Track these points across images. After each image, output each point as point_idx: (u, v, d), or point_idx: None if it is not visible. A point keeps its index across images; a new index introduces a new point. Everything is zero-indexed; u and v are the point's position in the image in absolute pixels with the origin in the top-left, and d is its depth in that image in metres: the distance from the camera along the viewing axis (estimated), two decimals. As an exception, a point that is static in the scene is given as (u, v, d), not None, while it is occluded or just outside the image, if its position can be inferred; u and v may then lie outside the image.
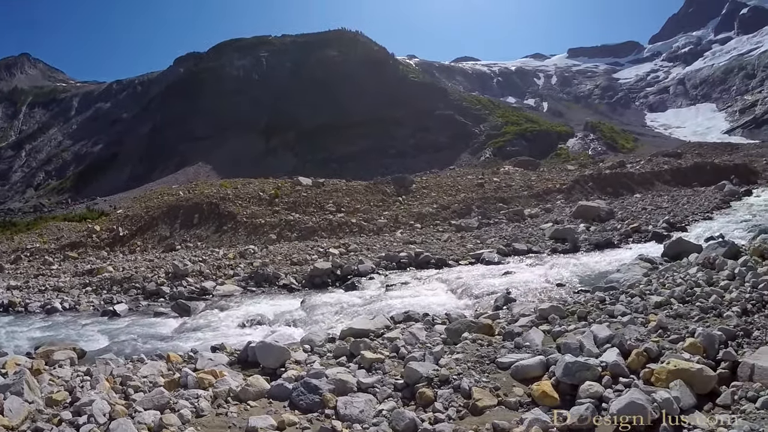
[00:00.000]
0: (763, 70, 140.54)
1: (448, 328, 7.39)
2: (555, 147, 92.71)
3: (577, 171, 37.08)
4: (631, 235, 17.77)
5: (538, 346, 6.37)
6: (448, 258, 16.15)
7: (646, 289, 8.63)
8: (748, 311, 6.77)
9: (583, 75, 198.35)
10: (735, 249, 10.64)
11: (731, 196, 26.97)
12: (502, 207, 25.74)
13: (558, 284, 11.47)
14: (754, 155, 52.35)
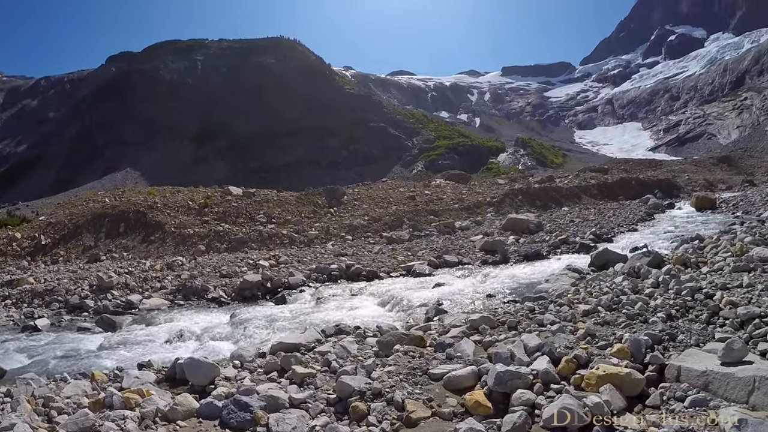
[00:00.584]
0: (687, 92, 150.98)
1: (380, 340, 7.35)
2: (486, 161, 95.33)
3: (507, 185, 38.05)
4: (560, 246, 18.25)
5: (470, 357, 6.43)
6: (379, 270, 16.14)
7: (574, 298, 8.92)
8: (673, 316, 7.19)
9: (515, 92, 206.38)
10: (659, 258, 11.22)
11: (655, 209, 28.34)
12: (433, 219, 26.04)
13: (488, 295, 11.59)
14: (676, 171, 55.71)
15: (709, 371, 4.94)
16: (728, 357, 5.00)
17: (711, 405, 4.64)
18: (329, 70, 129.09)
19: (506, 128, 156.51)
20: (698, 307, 7.49)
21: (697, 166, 63.15)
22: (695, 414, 4.56)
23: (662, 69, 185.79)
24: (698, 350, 5.78)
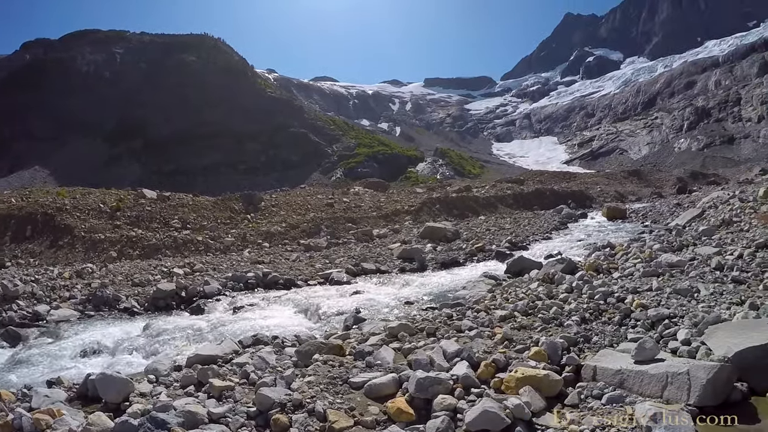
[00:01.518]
0: (602, 110, 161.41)
1: (299, 350, 7.25)
2: (405, 170, 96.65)
3: (425, 194, 38.57)
4: (476, 254, 18.74)
5: (390, 364, 6.43)
6: (297, 278, 15.91)
7: (490, 304, 9.17)
8: (587, 319, 7.61)
9: (436, 104, 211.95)
10: (572, 265, 11.75)
11: (568, 219, 29.75)
12: (351, 227, 25.98)
13: (407, 302, 11.69)
14: (589, 183, 58.60)
15: (624, 370, 5.22)
16: (641, 356, 5.29)
17: (627, 401, 4.90)
18: (252, 72, 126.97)
19: (426, 138, 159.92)
20: (611, 310, 7.93)
21: (609, 179, 66.57)
22: (613, 410, 4.81)
23: (579, 87, 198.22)
24: (612, 350, 6.10)
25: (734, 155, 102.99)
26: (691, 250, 12.24)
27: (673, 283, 8.99)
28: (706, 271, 9.73)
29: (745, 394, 4.75)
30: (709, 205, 20.10)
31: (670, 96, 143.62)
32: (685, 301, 7.91)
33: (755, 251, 10.61)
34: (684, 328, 6.54)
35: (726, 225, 15.17)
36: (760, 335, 5.12)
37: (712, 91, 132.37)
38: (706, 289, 8.41)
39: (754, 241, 11.40)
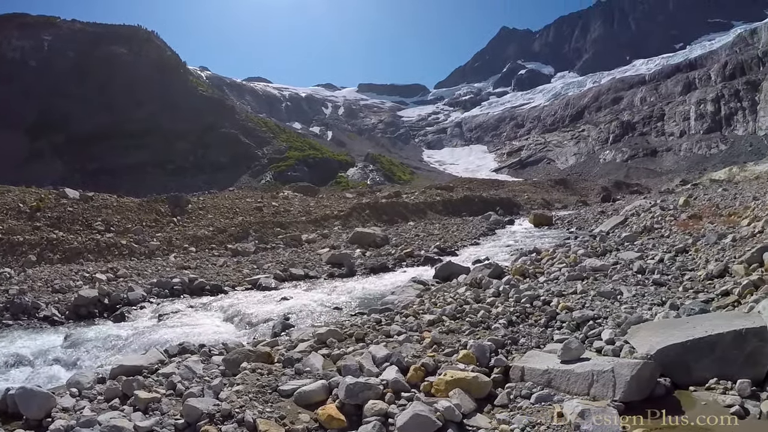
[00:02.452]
0: (531, 121, 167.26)
1: (226, 358, 7.10)
2: (335, 175, 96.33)
3: (355, 199, 38.57)
4: (405, 259, 18.84)
5: (319, 371, 6.39)
6: (224, 284, 15.54)
7: (419, 309, 9.26)
8: (514, 322, 7.85)
9: (369, 109, 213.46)
10: (499, 270, 12.06)
11: (496, 225, 30.55)
12: (280, 232, 25.64)
13: (335, 308, 11.66)
14: (517, 191, 60.28)
15: (551, 369, 5.41)
16: (567, 356, 5.48)
17: (555, 399, 5.08)
18: (184, 69, 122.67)
19: (357, 143, 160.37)
20: (537, 312, 8.21)
21: (536, 187, 68.87)
22: (542, 409, 4.98)
23: (510, 99, 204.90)
24: (539, 351, 6.31)
25: (656, 167, 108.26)
26: (614, 255, 12.82)
27: (597, 286, 9.37)
28: (628, 275, 10.22)
29: (668, 389, 4.99)
30: (632, 212, 21.07)
31: (598, 110, 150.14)
32: (609, 303, 8.26)
33: (675, 255, 11.22)
34: (608, 328, 6.84)
35: (647, 231, 15.96)
36: (681, 333, 5.39)
37: (637, 107, 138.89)
38: (628, 291, 8.82)
39: (674, 247, 12.06)
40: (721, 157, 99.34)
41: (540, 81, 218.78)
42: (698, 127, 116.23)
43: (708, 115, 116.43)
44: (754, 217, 11.98)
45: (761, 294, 6.78)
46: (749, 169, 43.22)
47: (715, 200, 18.98)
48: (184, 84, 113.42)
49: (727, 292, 7.60)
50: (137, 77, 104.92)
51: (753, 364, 4.90)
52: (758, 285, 7.22)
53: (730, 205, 16.38)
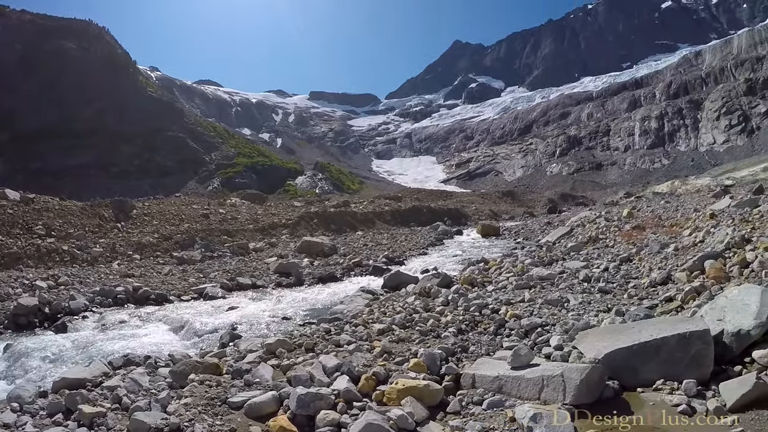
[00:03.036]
0: (480, 134, 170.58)
1: (173, 370, 6.95)
2: (284, 183, 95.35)
3: (303, 208, 38.36)
4: (353, 269, 18.90)
5: (269, 382, 6.34)
6: (169, 293, 15.19)
7: (368, 318, 9.32)
8: (463, 330, 7.98)
9: (320, 117, 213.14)
10: (448, 279, 12.24)
11: (444, 235, 30.81)
12: (227, 240, 25.24)
13: (284, 318, 11.56)
14: (465, 202, 60.95)
15: (502, 376, 5.53)
16: (517, 362, 5.61)
17: (507, 405, 5.18)
18: (134, 68, 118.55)
19: (307, 151, 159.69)
20: (486, 320, 8.36)
21: (484, 198, 69.77)
22: (494, 414, 5.08)
23: (460, 111, 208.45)
24: (489, 358, 6.44)
25: (601, 180, 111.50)
26: (561, 264, 13.15)
27: (545, 295, 9.63)
28: (574, 283, 10.53)
29: (616, 391, 5.18)
30: (578, 224, 21.58)
31: (546, 124, 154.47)
32: (556, 311, 8.51)
33: (619, 264, 11.59)
34: (556, 334, 7.04)
35: (593, 242, 16.39)
36: (627, 338, 5.60)
37: (584, 122, 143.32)
38: (575, 299, 9.10)
39: (618, 256, 12.45)
40: (663, 171, 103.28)
41: (490, 95, 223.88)
42: (642, 143, 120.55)
43: (652, 132, 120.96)
44: (695, 228, 12.45)
45: (703, 299, 7.07)
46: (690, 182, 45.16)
47: (658, 212, 19.62)
48: (134, 84, 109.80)
49: (671, 298, 7.90)
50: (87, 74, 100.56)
51: (698, 365, 5.14)
52: (700, 291, 7.54)
53: (672, 216, 16.96)
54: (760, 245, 8.38)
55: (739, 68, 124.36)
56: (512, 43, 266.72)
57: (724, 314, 5.74)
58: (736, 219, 11.50)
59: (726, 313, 5.74)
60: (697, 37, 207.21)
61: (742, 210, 12.51)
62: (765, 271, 7.39)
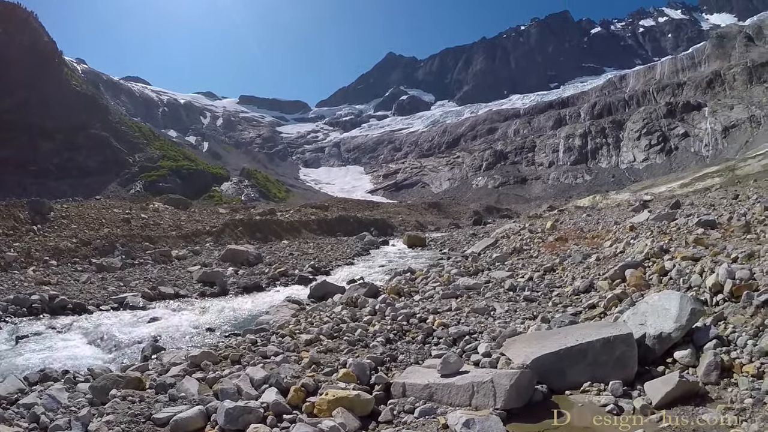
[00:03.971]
0: (409, 145, 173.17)
1: (93, 386, 6.64)
2: (209, 188, 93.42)
3: (228, 215, 37.56)
4: (279, 278, 18.71)
5: (195, 396, 6.18)
6: (88, 302, 14.50)
7: (295, 329, 9.26)
8: (392, 340, 8.06)
9: (249, 122, 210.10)
10: (374, 289, 12.40)
11: (371, 245, 31.05)
12: (149, 246, 24.38)
13: (208, 329, 11.34)
14: (392, 212, 61.61)
15: (432, 384, 5.61)
16: (447, 369, 5.70)
17: (439, 412, 5.25)
18: (60, 59, 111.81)
19: (234, 157, 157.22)
20: (414, 329, 8.47)
21: (410, 209, 70.68)
22: (426, 422, 5.13)
23: (390, 122, 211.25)
24: (419, 367, 6.51)
25: (526, 193, 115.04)
26: (486, 274, 13.49)
27: (471, 303, 9.85)
28: (500, 292, 10.86)
29: (546, 395, 5.38)
30: (502, 235, 22.13)
31: (473, 138, 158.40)
32: (483, 319, 8.72)
33: (543, 274, 11.98)
34: (484, 342, 7.21)
35: (517, 252, 16.84)
36: (553, 343, 5.83)
37: (511, 138, 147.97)
38: (501, 307, 9.36)
39: (542, 266, 12.84)
40: (585, 186, 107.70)
41: (420, 107, 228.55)
42: (566, 159, 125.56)
43: (575, 149, 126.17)
44: (615, 239, 12.99)
45: (625, 305, 7.43)
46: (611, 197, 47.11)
47: (580, 224, 20.30)
48: (58, 76, 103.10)
49: (594, 305, 8.26)
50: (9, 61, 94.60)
51: (622, 366, 5.46)
52: (621, 298, 7.92)
53: (594, 228, 17.59)
54: (678, 255, 8.88)
55: (660, 92, 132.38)
56: (445, 58, 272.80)
57: (646, 319, 6.11)
58: (655, 231, 12.09)
59: (647, 317, 6.11)
60: (622, 62, 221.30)
61: (660, 223, 13.18)
62: (683, 279, 7.85)
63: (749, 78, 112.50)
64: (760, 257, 7.56)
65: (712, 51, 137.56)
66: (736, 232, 9.84)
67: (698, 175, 52.64)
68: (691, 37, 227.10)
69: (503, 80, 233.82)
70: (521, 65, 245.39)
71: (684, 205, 19.68)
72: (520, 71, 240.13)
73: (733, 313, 6.18)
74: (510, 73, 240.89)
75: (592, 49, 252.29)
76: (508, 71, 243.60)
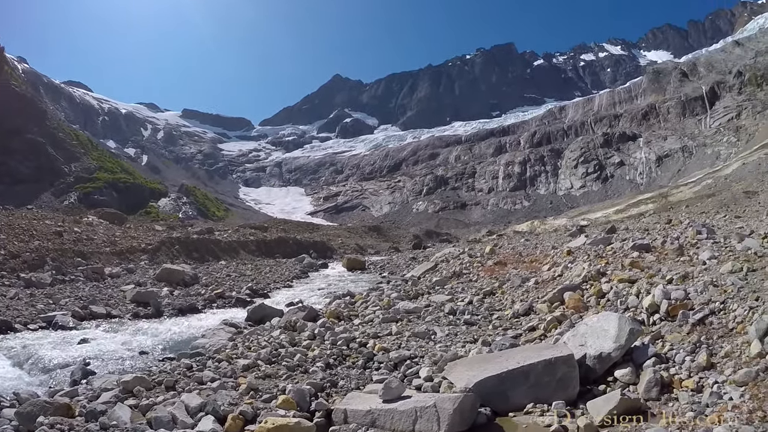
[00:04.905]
0: (350, 168, 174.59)
1: (19, 412, 6.25)
2: (146, 204, 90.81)
3: (165, 232, 36.56)
4: (216, 300, 18.22)
5: (128, 424, 5.91)
6: (15, 320, 13.72)
7: (232, 353, 9.00)
8: (331, 365, 7.96)
9: (190, 137, 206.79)
10: (314, 312, 12.22)
11: (310, 268, 30.79)
12: (81, 262, 23.40)
13: (141, 352, 10.91)
14: (332, 235, 61.42)
15: (374, 409, 5.56)
16: (389, 395, 5.66)
17: None
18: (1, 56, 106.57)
19: (173, 172, 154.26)
20: (354, 354, 8.40)
21: (350, 232, 70.85)
22: None
23: (333, 145, 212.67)
24: (360, 393, 6.44)
25: (465, 218, 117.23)
26: (426, 298, 13.53)
27: (412, 327, 9.83)
28: (440, 316, 10.90)
29: (489, 418, 5.43)
30: (442, 259, 22.27)
31: (415, 163, 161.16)
32: (424, 343, 8.70)
33: (483, 297, 12.12)
34: (425, 366, 7.20)
35: (457, 276, 16.97)
36: (495, 366, 5.89)
37: (452, 164, 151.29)
38: (441, 331, 9.39)
39: (482, 290, 12.99)
40: (524, 211, 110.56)
41: (363, 131, 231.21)
42: (505, 185, 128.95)
43: (515, 175, 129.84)
44: (553, 263, 13.28)
45: (565, 327, 7.63)
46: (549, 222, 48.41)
47: (519, 249, 20.65)
48: None
49: (534, 328, 8.42)
50: None
51: (565, 387, 5.61)
52: (561, 320, 8.11)
53: (532, 253, 17.94)
54: (614, 277, 9.19)
55: (598, 123, 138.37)
56: (390, 83, 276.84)
57: (586, 340, 6.32)
58: (592, 255, 12.41)
59: (587, 338, 6.32)
60: (563, 93, 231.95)
61: (597, 247, 13.52)
62: (620, 300, 8.17)
63: (682, 111, 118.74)
64: (693, 278, 7.98)
65: (648, 85, 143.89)
66: (670, 255, 10.24)
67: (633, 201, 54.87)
68: (629, 71, 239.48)
69: (447, 107, 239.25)
70: (465, 93, 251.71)
71: (619, 230, 20.28)
72: (464, 99, 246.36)
73: (670, 332, 6.56)
74: (453, 101, 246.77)
75: (534, 80, 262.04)
76: (451, 98, 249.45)
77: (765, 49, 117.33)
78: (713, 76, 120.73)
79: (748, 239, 9.46)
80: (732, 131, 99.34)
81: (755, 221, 14.98)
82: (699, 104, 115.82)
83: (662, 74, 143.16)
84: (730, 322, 6.22)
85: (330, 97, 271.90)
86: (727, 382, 5.11)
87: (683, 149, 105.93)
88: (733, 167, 55.19)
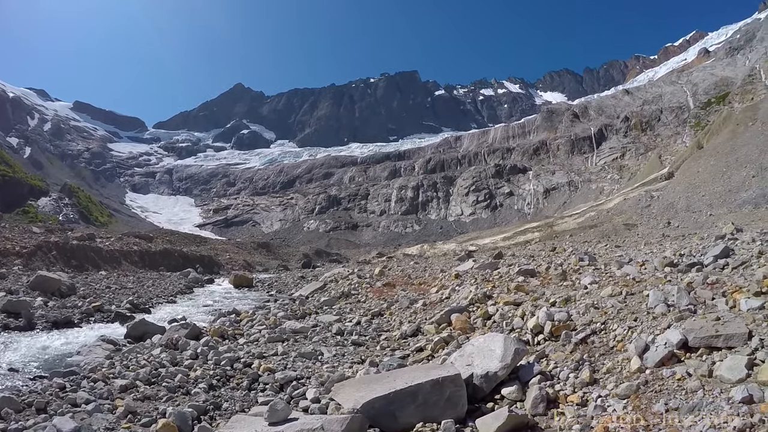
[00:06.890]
0: (243, 181, 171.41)
1: None
2: (25, 202, 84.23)
3: (42, 235, 34.07)
4: (93, 314, 17.10)
5: None
6: None
7: (109, 373, 8.51)
8: (215, 386, 7.69)
9: (79, 133, 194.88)
10: (197, 330, 11.80)
11: (195, 283, 29.75)
12: (-58, 267, 21.33)
13: (10, 369, 9.94)
14: (220, 250, 59.92)
15: None
16: (274, 417, 5.49)
17: None
18: None
19: (57, 169, 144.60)
20: (238, 375, 8.17)
21: (239, 248, 69.37)
22: None
23: (227, 155, 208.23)
24: (245, 415, 6.25)
25: (356, 239, 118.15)
26: (314, 317, 13.48)
27: (298, 348, 9.74)
28: (328, 336, 10.88)
29: None
30: (331, 279, 22.28)
31: (309, 181, 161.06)
32: (311, 363, 8.64)
33: (371, 318, 12.21)
34: (312, 387, 7.14)
35: (345, 297, 17.00)
36: (383, 386, 5.89)
37: (345, 184, 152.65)
38: (329, 351, 9.35)
39: (370, 310, 13.09)
40: (414, 235, 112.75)
41: (260, 144, 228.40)
42: (397, 209, 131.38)
43: (407, 200, 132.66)
44: (441, 286, 13.61)
45: (452, 348, 7.83)
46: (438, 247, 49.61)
47: (408, 271, 21.03)
48: None
49: (421, 348, 8.56)
50: None
51: (453, 405, 5.75)
52: (448, 341, 8.31)
53: (421, 275, 18.33)
54: (500, 300, 9.57)
55: (491, 155, 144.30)
56: (292, 98, 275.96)
57: (473, 360, 6.53)
58: (479, 279, 12.83)
59: (474, 358, 6.53)
60: (460, 124, 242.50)
61: (484, 271, 14.02)
62: (506, 322, 8.54)
63: (571, 149, 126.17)
64: (575, 301, 8.47)
65: (541, 123, 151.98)
66: (554, 280, 10.78)
67: (520, 229, 57.23)
68: (525, 109, 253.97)
69: (345, 127, 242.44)
70: (365, 115, 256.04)
71: (506, 256, 21.15)
72: (363, 121, 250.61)
73: (554, 351, 6.92)
74: (353, 122, 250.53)
75: (433, 109, 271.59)
76: (351, 119, 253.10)
77: (651, 98, 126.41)
78: (602, 119, 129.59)
79: (626, 266, 10.14)
80: (616, 169, 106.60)
81: (634, 250, 16.01)
82: (587, 143, 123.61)
83: (555, 114, 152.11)
84: (610, 340, 6.66)
85: (229, 106, 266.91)
86: (610, 395, 5.40)
87: (570, 183, 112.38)
88: (615, 201, 58.88)
